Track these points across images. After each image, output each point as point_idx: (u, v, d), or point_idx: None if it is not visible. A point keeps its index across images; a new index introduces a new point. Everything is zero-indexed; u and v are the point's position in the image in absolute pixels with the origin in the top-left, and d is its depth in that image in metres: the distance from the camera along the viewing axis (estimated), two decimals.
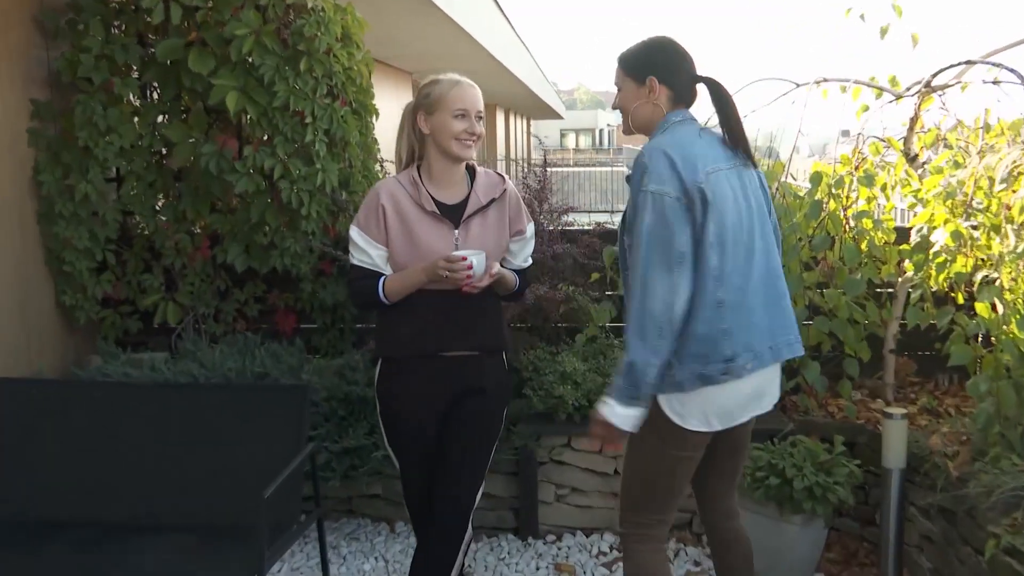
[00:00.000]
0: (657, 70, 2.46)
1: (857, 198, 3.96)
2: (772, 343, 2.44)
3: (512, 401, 4.00)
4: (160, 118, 4.49)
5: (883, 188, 4.06)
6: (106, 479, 3.16)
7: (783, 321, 2.49)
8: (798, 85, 3.86)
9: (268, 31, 4.20)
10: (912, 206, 3.86)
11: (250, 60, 4.22)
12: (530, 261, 3.05)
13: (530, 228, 2.98)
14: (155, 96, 4.52)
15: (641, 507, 2.55)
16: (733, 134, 2.46)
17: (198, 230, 4.64)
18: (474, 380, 2.85)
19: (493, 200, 2.86)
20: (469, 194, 2.86)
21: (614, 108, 2.62)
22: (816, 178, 3.66)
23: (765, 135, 4.17)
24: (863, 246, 3.63)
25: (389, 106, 13.26)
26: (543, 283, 4.28)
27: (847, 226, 3.74)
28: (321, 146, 4.30)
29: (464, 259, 2.65)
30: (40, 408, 3.25)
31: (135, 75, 4.41)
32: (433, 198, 2.81)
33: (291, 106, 4.23)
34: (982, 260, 3.27)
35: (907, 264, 3.63)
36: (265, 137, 4.35)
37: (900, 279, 3.81)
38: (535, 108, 29.08)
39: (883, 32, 4.11)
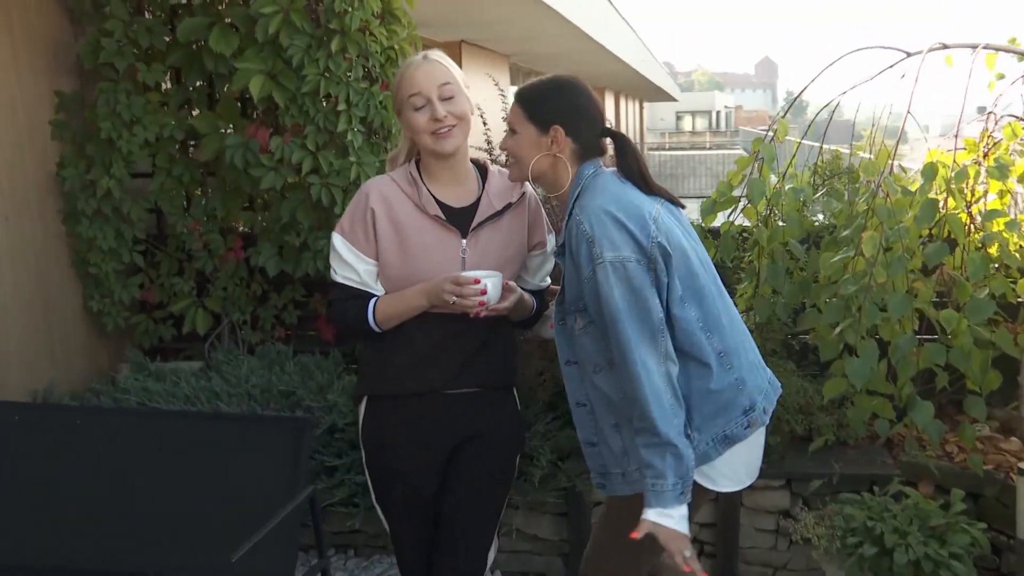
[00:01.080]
0: (563, 119, 2.14)
1: (986, 192, 3.23)
2: (768, 376, 2.26)
3: (563, 432, 3.45)
4: (188, 107, 4.12)
5: (1021, 179, 3.30)
6: (71, 520, 2.77)
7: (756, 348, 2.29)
8: (909, 54, 3.15)
9: (297, 8, 3.75)
10: None
11: (281, 41, 3.78)
12: (548, 281, 2.51)
13: (551, 241, 2.43)
14: (181, 82, 4.14)
15: None
16: (648, 184, 2.15)
17: (241, 229, 4.26)
18: (480, 423, 2.35)
19: (509, 205, 2.33)
20: (480, 197, 2.33)
21: (502, 149, 2.25)
22: (930, 170, 2.94)
23: (872, 115, 3.46)
24: (992, 253, 2.91)
25: (483, 91, 12.93)
26: None
27: (972, 228, 3.02)
28: (356, 136, 3.83)
29: (477, 281, 2.14)
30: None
31: (164, 61, 4.04)
32: (436, 200, 2.28)
33: (322, 91, 3.77)
34: None
35: None
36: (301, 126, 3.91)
37: None
38: (646, 90, 28.18)
39: None
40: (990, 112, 3.14)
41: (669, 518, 1.97)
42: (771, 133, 3.25)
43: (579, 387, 2.20)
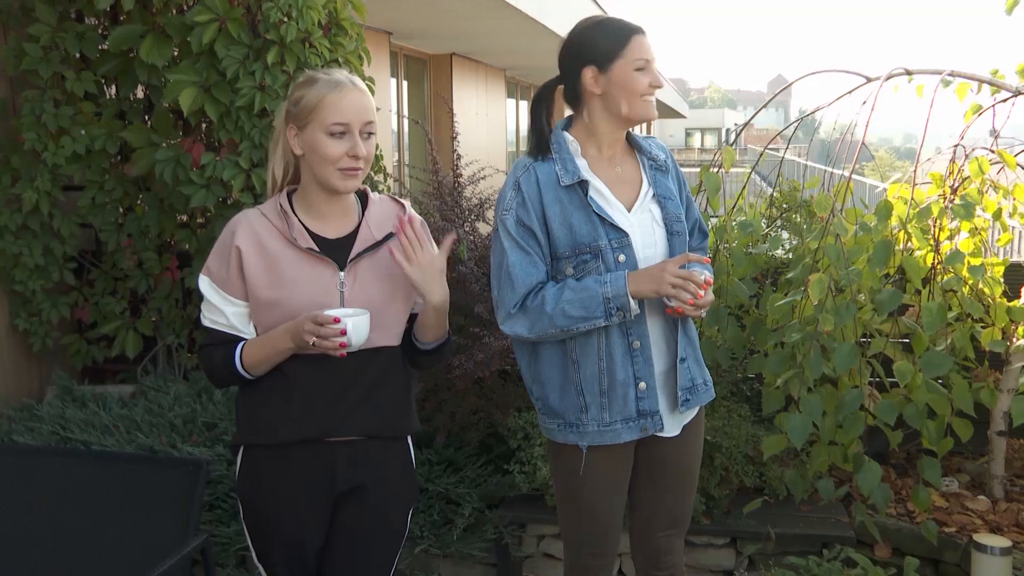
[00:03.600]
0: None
1: (957, 233, 2.98)
2: None
3: (493, 478, 3.22)
4: (124, 119, 3.91)
5: (996, 216, 3.06)
6: None
7: None
8: (869, 79, 2.91)
9: (234, 17, 3.54)
10: None
11: (217, 52, 3.57)
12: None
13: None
14: (113, 93, 3.94)
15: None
16: None
17: (178, 247, 4.05)
18: (365, 475, 2.12)
19: (390, 235, 2.10)
20: (359, 226, 2.12)
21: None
22: (884, 209, 2.69)
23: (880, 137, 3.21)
24: (953, 303, 2.66)
25: (475, 106, 12.74)
26: None
27: (936, 273, 2.78)
28: None
29: (336, 320, 1.92)
30: None
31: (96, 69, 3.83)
32: (310, 232, 2.08)
33: (256, 105, 3.56)
34: None
35: (1020, 328, 2.64)
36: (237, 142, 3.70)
37: (1013, 345, 2.82)
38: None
39: (1010, 6, 3.11)
40: (957, 145, 2.90)
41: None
42: (718, 161, 3.01)
43: None
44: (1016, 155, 2.99)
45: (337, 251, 2.08)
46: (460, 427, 3.29)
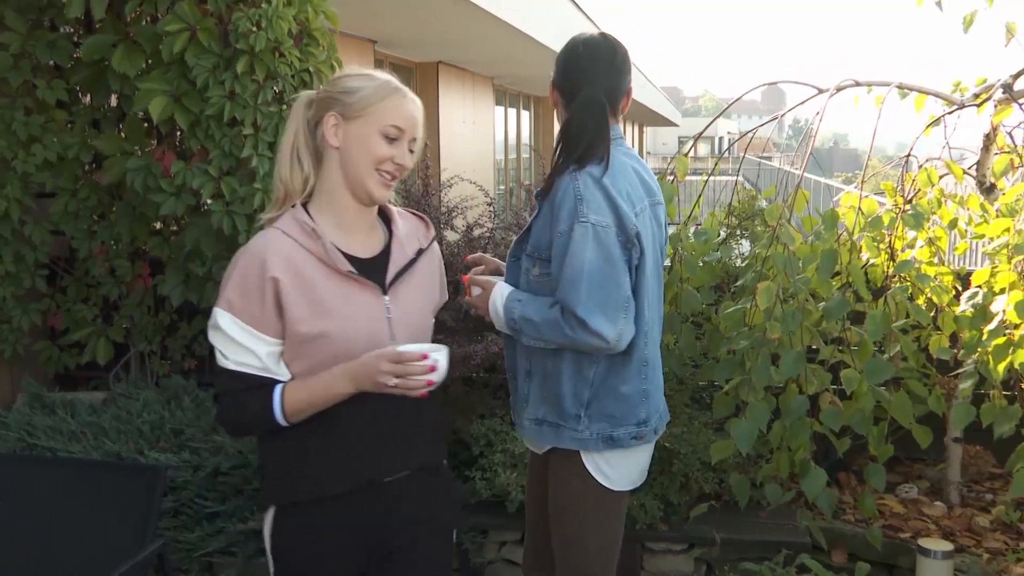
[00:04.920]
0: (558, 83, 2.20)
1: (914, 242, 3.02)
2: (664, 402, 2.27)
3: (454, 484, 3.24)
4: (97, 128, 3.94)
5: (952, 225, 3.10)
6: None
7: None
8: (821, 91, 2.96)
9: (205, 27, 3.58)
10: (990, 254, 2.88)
11: (187, 61, 3.60)
12: None
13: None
14: (87, 102, 3.97)
15: None
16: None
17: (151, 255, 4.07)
18: (421, 507, 1.95)
19: (421, 251, 1.98)
20: (389, 243, 1.94)
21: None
22: (830, 218, 2.73)
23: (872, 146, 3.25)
24: (900, 309, 2.70)
25: (463, 114, 12.77)
26: None
27: (890, 281, 2.81)
28: (263, 162, 3.65)
29: (424, 357, 1.71)
30: None
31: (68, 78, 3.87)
32: (341, 252, 1.86)
33: (226, 114, 3.59)
34: None
35: (965, 336, 2.68)
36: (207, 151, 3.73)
37: (962, 353, 2.86)
38: (644, 115, 28.07)
39: (967, 23, 3.16)
40: (908, 155, 2.95)
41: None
42: (672, 170, 3.05)
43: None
44: (969, 168, 3.03)
45: (373, 272, 1.88)
46: None
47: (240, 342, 1.78)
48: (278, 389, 1.79)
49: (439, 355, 1.74)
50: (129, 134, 3.83)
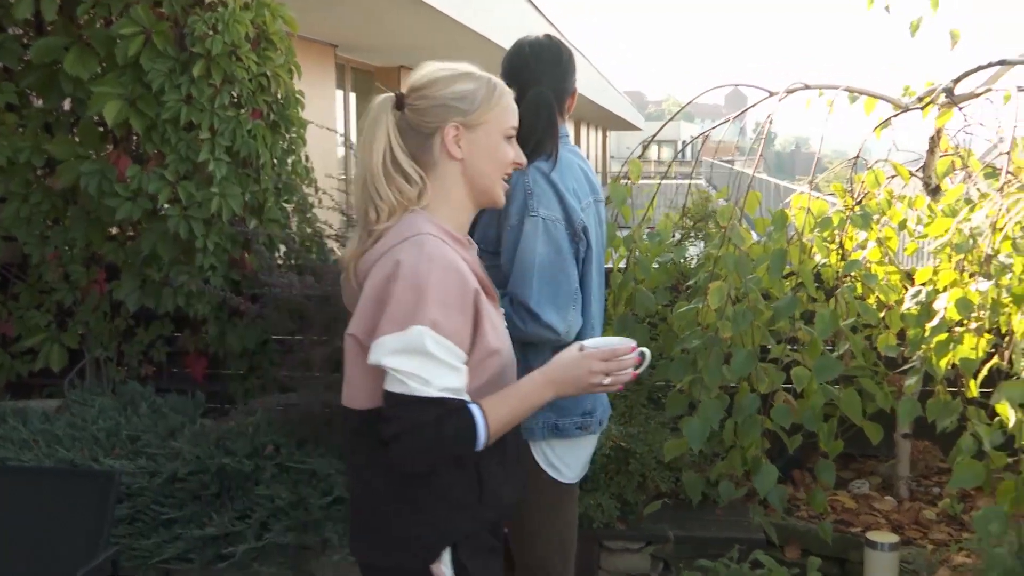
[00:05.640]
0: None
1: (865, 242, 3.08)
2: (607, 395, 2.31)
3: None
4: (50, 131, 3.90)
5: (902, 226, 3.17)
6: None
7: None
8: (771, 94, 3.02)
9: (161, 30, 3.56)
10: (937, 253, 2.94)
11: (143, 65, 3.58)
12: None
13: None
14: (38, 105, 3.92)
15: None
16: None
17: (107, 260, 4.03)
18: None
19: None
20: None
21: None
22: (780, 219, 2.79)
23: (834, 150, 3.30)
24: (850, 308, 2.75)
25: None
26: None
27: (840, 281, 2.87)
28: (220, 166, 3.64)
29: (633, 349, 1.66)
30: None
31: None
32: None
33: (183, 118, 3.58)
34: (996, 345, 2.38)
35: (910, 333, 2.74)
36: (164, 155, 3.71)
37: (908, 349, 2.92)
38: (607, 119, 28.26)
39: (914, 28, 3.23)
40: (856, 157, 3.01)
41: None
42: (625, 173, 3.10)
43: None
44: (916, 170, 3.11)
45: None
46: None
47: (449, 363, 1.58)
48: (476, 409, 1.60)
49: (643, 347, 1.70)
50: (83, 138, 3.80)
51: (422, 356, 1.55)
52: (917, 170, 3.14)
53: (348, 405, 1.68)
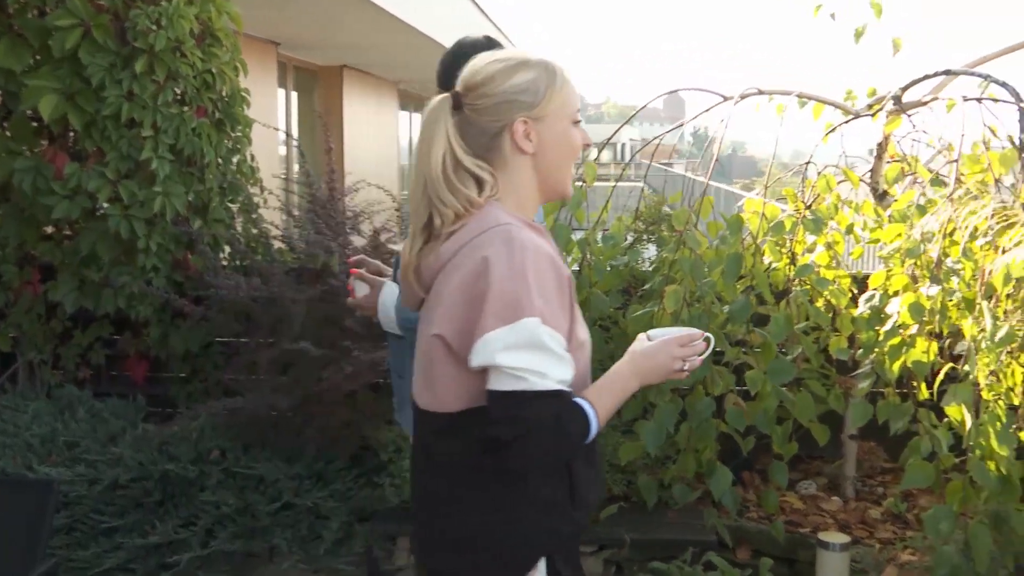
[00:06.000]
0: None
1: (814, 246, 3.12)
2: None
3: (363, 491, 3.21)
4: None
5: (849, 230, 3.21)
6: None
7: None
8: (726, 98, 3.04)
9: (100, 23, 3.45)
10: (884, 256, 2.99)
11: (81, 59, 3.46)
12: None
13: None
14: None
15: None
16: None
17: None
18: None
19: None
20: None
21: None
22: (735, 223, 2.82)
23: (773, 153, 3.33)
24: (801, 312, 2.79)
25: (367, 118, 12.65)
26: None
27: (791, 284, 2.90)
28: (163, 164, 3.54)
29: (702, 335, 1.67)
30: None
31: None
32: None
33: (124, 115, 3.47)
34: (947, 347, 2.43)
35: (862, 336, 2.78)
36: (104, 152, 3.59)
37: (859, 354, 2.97)
38: None
39: (858, 35, 3.28)
40: (808, 162, 3.05)
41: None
42: (580, 174, 3.09)
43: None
44: (863, 175, 3.16)
45: None
46: (330, 440, 3.27)
47: (560, 354, 1.50)
48: (585, 403, 1.53)
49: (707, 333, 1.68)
50: (15, 133, 3.65)
51: (537, 349, 1.46)
52: (863, 175, 3.19)
53: (433, 409, 1.57)
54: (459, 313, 1.50)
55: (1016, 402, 2.32)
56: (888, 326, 2.44)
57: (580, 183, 3.09)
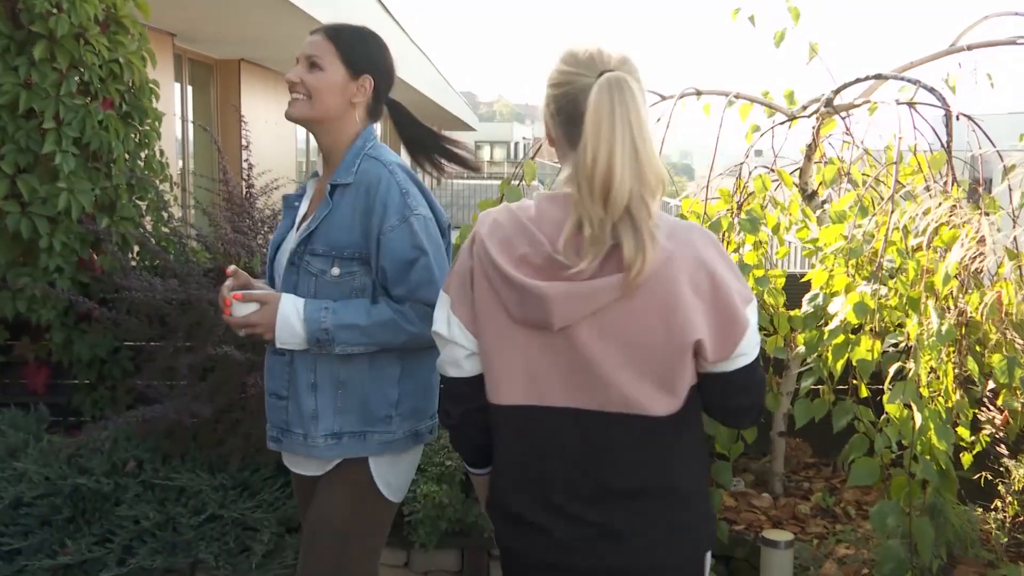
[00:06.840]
0: (376, 71, 2.14)
1: (742, 245, 3.15)
2: None
3: (292, 501, 3.07)
4: None
5: (776, 230, 3.26)
6: None
7: None
8: (664, 98, 3.04)
9: None
10: (809, 254, 3.05)
11: None
12: None
13: None
14: None
15: None
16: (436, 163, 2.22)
17: None
18: None
19: None
20: None
21: (293, 81, 2.08)
22: None
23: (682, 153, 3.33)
24: None
25: (265, 114, 12.30)
26: None
27: None
28: (67, 159, 3.31)
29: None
30: None
31: None
32: None
33: (22, 105, 3.24)
34: (892, 345, 2.48)
35: (799, 336, 2.82)
36: None
37: (792, 353, 3.02)
38: (443, 119, 28.19)
39: (778, 39, 3.33)
40: (742, 163, 3.08)
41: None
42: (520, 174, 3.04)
43: None
44: (791, 173, 3.21)
45: None
46: (256, 449, 3.12)
47: None
48: None
49: None
50: None
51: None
52: (793, 172, 3.24)
53: (659, 414, 1.53)
54: (710, 319, 1.51)
55: (952, 400, 2.39)
56: (834, 324, 2.47)
57: (518, 182, 3.04)
